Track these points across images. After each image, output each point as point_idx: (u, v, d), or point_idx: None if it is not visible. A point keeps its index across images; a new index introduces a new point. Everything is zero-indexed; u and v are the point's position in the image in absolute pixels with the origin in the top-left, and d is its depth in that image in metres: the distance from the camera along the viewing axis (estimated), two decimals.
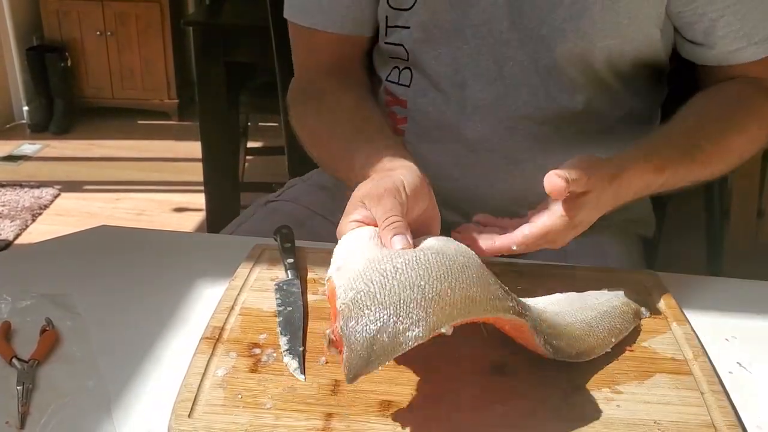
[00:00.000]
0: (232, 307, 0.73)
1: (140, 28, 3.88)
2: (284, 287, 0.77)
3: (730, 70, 0.93)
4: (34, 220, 2.97)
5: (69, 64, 3.87)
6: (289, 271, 0.79)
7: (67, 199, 3.20)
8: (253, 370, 0.64)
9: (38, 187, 3.22)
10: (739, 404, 0.64)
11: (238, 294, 0.75)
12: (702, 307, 0.79)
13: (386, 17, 0.97)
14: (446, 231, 0.74)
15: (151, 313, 0.75)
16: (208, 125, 2.35)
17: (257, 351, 0.67)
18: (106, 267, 0.85)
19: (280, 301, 0.74)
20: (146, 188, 3.32)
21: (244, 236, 0.97)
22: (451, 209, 0.96)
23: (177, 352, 0.69)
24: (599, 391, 0.63)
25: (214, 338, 0.67)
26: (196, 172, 2.70)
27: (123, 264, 0.86)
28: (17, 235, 2.85)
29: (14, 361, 0.65)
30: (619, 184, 0.75)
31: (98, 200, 3.23)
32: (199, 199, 2.79)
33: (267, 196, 1.13)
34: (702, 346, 0.71)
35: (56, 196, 3.18)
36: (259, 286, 0.78)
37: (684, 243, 1.29)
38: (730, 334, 0.75)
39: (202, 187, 2.55)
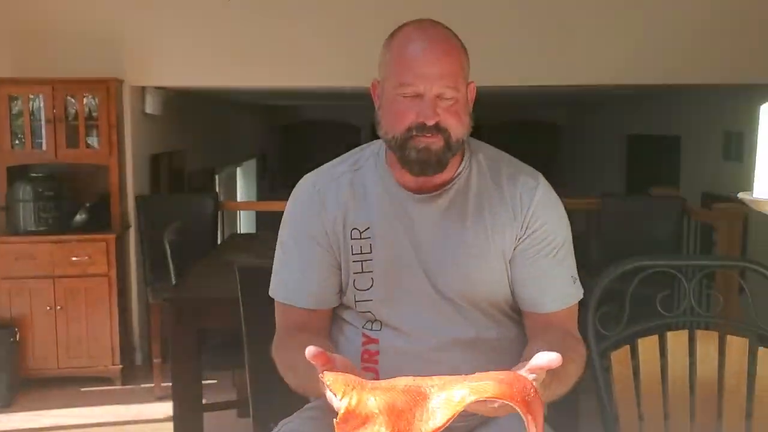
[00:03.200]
0: None
1: (89, 300, 4.18)
2: None
3: (544, 316, 1.42)
4: None
5: (17, 339, 4.07)
6: None
7: None
8: None
9: None
10: None
11: None
12: None
13: (354, 296, 1.45)
14: None
15: None
16: (180, 387, 2.63)
17: None
18: None
19: None
20: None
21: None
22: None
23: None
24: None
25: None
26: None
27: None
28: None
29: None
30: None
31: None
32: None
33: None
34: None
35: None
36: None
37: None
38: None
39: None
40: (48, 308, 4.14)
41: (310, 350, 1.06)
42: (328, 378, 1.00)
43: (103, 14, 4.39)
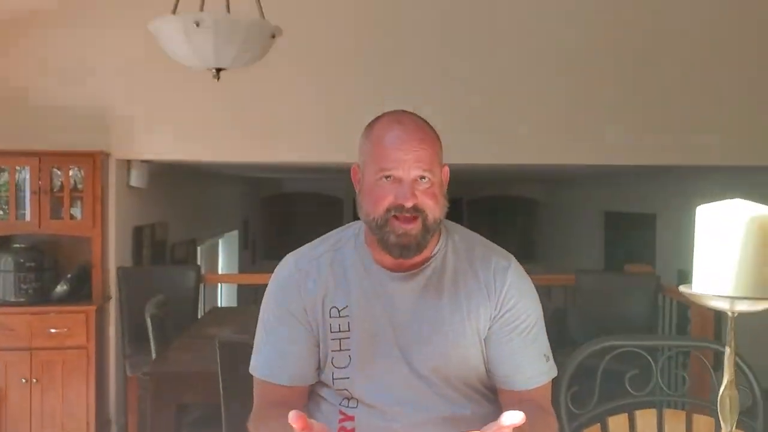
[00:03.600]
0: None
1: (65, 372, 4.15)
2: None
3: (517, 393, 1.47)
4: None
5: None
6: None
7: None
8: None
9: None
10: None
11: None
12: None
13: (332, 373, 1.48)
14: None
15: None
16: None
17: None
18: None
19: None
20: None
21: None
22: None
23: None
24: None
25: None
26: None
27: None
28: None
29: None
30: None
31: None
32: None
33: None
34: None
35: None
36: None
37: None
38: None
39: None
40: (23, 380, 4.10)
41: (291, 414, 1.11)
42: None
43: (91, 89, 4.50)
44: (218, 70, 2.89)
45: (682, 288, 0.98)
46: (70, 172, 4.31)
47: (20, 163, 4.27)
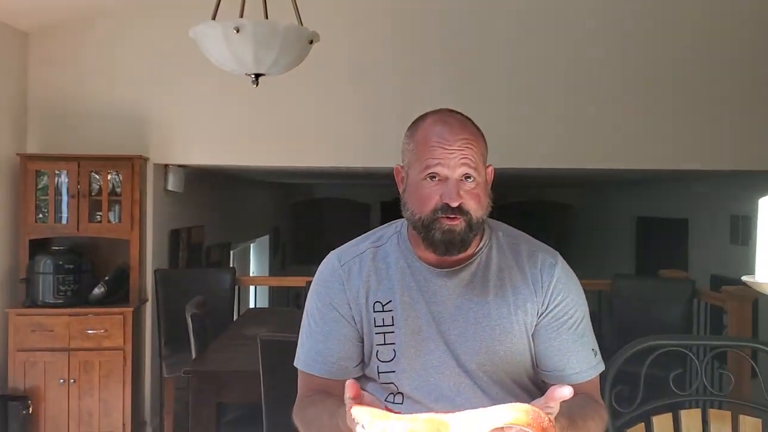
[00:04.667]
0: None
1: (102, 373, 4.21)
2: None
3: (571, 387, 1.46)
4: None
5: (30, 411, 4.09)
6: None
7: None
8: None
9: None
10: None
11: None
12: None
13: (377, 367, 1.49)
14: None
15: None
16: None
17: None
18: None
19: None
20: None
21: None
22: None
23: None
24: None
25: None
26: None
27: None
28: None
29: None
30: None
31: None
32: None
33: None
34: None
35: None
36: None
37: None
38: None
39: None
40: (61, 381, 4.17)
41: (348, 381, 1.15)
42: (356, 410, 1.06)
43: (130, 95, 4.58)
44: (257, 75, 2.93)
45: (745, 278, 0.99)
46: (109, 176, 4.38)
47: (59, 167, 4.35)
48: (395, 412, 1.53)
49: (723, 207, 6.60)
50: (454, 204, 1.41)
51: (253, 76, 2.91)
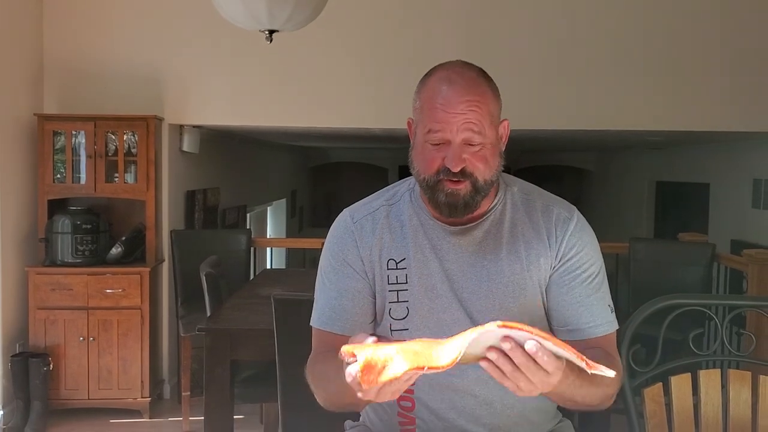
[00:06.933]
0: None
1: (120, 332, 4.26)
2: None
3: (583, 343, 1.42)
4: None
5: (51, 368, 4.14)
6: None
7: None
8: None
9: None
10: None
11: None
12: None
13: (390, 324, 1.48)
14: None
15: None
16: (213, 417, 2.67)
17: None
18: None
19: None
20: None
21: None
22: None
23: None
24: None
25: None
26: None
27: None
28: None
29: None
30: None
31: None
32: None
33: None
34: None
35: None
36: None
37: None
38: None
39: None
40: (81, 339, 4.22)
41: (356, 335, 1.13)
42: (345, 347, 1.05)
43: (145, 55, 4.55)
44: (271, 32, 2.88)
45: None
46: (125, 137, 4.38)
47: (76, 127, 4.35)
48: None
49: (745, 171, 6.50)
50: (455, 169, 1.37)
51: (267, 32, 2.86)
